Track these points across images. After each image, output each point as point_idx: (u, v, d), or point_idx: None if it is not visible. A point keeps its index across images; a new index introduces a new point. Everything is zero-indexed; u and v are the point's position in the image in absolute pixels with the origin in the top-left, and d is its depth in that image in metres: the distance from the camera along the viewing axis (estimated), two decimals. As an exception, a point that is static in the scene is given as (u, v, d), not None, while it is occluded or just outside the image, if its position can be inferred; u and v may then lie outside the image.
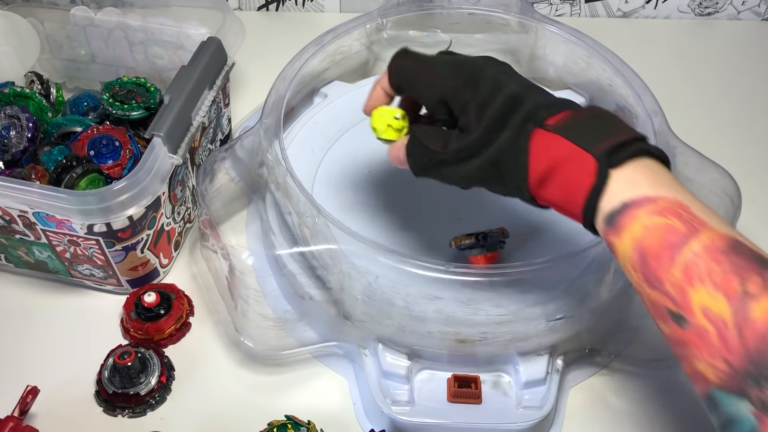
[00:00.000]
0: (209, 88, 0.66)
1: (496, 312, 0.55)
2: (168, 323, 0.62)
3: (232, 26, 0.70)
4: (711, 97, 0.88)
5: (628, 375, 0.61)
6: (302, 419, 0.56)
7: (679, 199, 0.41)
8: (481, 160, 0.47)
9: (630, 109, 0.69)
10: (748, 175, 0.65)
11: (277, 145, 0.62)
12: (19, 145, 0.66)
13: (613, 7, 0.97)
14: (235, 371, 0.62)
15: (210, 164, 0.64)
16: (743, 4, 0.96)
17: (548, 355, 0.58)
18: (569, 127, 0.44)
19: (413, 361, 0.58)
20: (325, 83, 0.77)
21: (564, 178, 0.44)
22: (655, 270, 0.40)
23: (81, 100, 0.75)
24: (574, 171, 0.44)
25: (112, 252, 0.61)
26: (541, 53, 0.77)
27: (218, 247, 0.61)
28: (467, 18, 0.78)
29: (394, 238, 0.62)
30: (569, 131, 0.44)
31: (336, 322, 0.59)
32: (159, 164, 0.58)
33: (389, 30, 0.78)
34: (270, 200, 0.65)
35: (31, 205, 0.57)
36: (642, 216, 0.41)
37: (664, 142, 0.63)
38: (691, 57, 0.93)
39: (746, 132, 0.83)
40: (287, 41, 0.76)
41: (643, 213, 0.41)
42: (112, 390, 0.58)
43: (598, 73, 0.72)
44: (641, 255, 0.41)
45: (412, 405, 0.56)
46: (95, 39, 0.76)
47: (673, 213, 0.40)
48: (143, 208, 0.59)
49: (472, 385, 0.57)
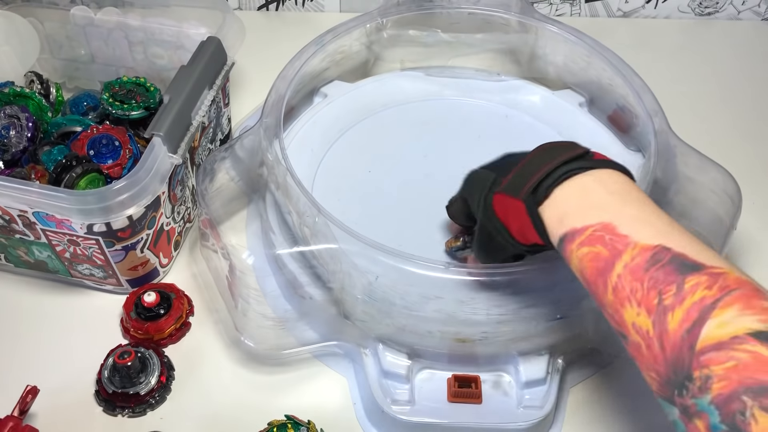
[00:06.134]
0: (209, 88, 0.66)
1: (496, 312, 0.55)
2: (168, 323, 0.62)
3: (231, 26, 0.70)
4: (711, 97, 0.88)
5: (628, 375, 0.61)
6: (302, 419, 0.56)
7: (605, 221, 0.43)
8: (479, 235, 0.54)
9: (630, 108, 0.69)
10: (749, 174, 0.65)
11: (277, 145, 0.62)
12: (18, 144, 0.66)
13: (613, 6, 0.97)
14: (235, 371, 0.62)
15: (210, 164, 0.64)
16: (743, 3, 0.96)
17: (548, 355, 0.58)
18: (507, 185, 0.50)
19: (413, 360, 0.58)
20: (325, 83, 0.77)
21: (516, 226, 0.49)
22: (596, 295, 0.43)
23: (81, 99, 0.75)
24: (517, 218, 0.49)
25: (112, 252, 0.61)
26: (541, 53, 0.77)
27: (218, 246, 0.61)
28: (467, 18, 0.78)
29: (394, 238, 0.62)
30: (506, 188, 0.50)
31: (336, 321, 0.59)
32: (159, 164, 0.58)
33: (389, 29, 0.78)
34: (270, 200, 0.65)
35: (31, 204, 0.57)
36: (574, 249, 0.44)
37: (664, 142, 0.63)
38: (692, 57, 0.93)
39: (746, 131, 0.83)
40: (287, 41, 0.76)
41: (575, 246, 0.44)
42: (112, 390, 0.58)
43: (598, 72, 0.72)
44: (585, 283, 0.44)
45: (412, 405, 0.56)
46: (95, 39, 0.76)
47: (598, 240, 0.43)
48: (143, 208, 0.59)
49: (473, 385, 0.57)
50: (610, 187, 0.45)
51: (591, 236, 0.43)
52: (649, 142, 0.64)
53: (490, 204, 0.51)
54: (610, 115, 0.74)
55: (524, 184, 0.48)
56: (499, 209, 0.51)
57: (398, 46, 0.79)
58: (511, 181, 0.50)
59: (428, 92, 0.78)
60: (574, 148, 0.48)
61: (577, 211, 0.45)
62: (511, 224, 0.50)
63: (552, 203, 0.46)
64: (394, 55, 0.80)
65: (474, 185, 0.55)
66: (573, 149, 0.48)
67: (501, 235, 0.51)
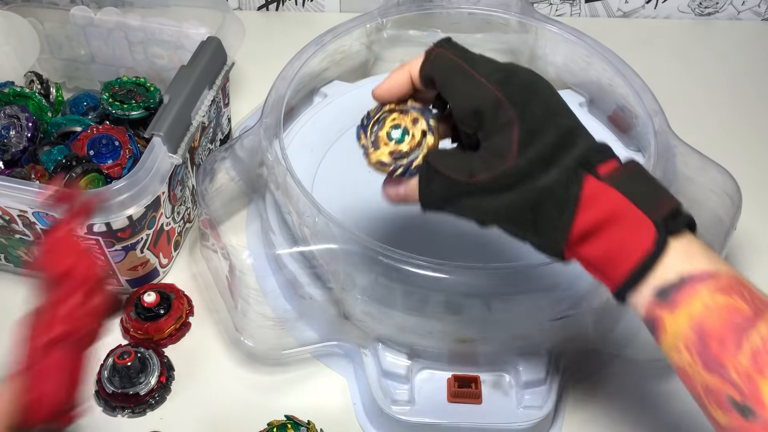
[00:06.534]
0: (209, 88, 0.66)
1: (497, 312, 0.55)
2: (168, 323, 0.62)
3: (231, 26, 0.70)
4: (711, 97, 0.88)
5: (628, 375, 0.61)
6: (302, 419, 0.56)
7: (738, 276, 0.38)
8: (517, 196, 0.40)
9: (630, 108, 0.69)
10: (749, 174, 0.65)
11: (277, 145, 0.62)
12: (18, 144, 0.66)
13: (613, 7, 0.97)
14: (234, 371, 0.62)
15: (210, 164, 0.64)
16: (743, 4, 0.96)
17: (548, 355, 0.58)
18: (624, 181, 0.40)
19: (413, 360, 0.58)
20: (325, 83, 0.77)
21: (612, 239, 0.39)
22: (717, 354, 0.37)
23: (81, 99, 0.75)
24: (627, 233, 0.39)
25: (112, 252, 0.61)
26: (541, 53, 0.77)
27: (218, 246, 0.61)
28: (467, 18, 0.78)
29: (394, 238, 0.62)
30: (625, 186, 0.39)
31: (336, 321, 0.59)
32: (158, 164, 0.58)
33: (389, 29, 0.78)
34: (270, 200, 0.65)
35: (31, 204, 0.57)
36: (703, 293, 0.38)
37: (664, 142, 0.63)
38: (692, 57, 0.93)
39: (747, 131, 0.83)
40: (287, 41, 0.76)
41: (705, 290, 0.38)
42: (112, 390, 0.58)
43: (599, 72, 0.72)
44: (701, 336, 0.37)
45: (412, 405, 0.56)
46: (95, 39, 0.76)
47: (736, 292, 0.37)
48: (143, 208, 0.59)
49: (472, 385, 0.57)
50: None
51: (728, 286, 0.38)
52: (649, 142, 0.64)
53: (580, 183, 0.39)
54: (610, 115, 0.75)
55: (658, 201, 0.39)
56: (591, 200, 0.39)
57: (398, 46, 0.79)
58: (625, 181, 0.40)
59: (428, 92, 0.78)
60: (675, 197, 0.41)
61: (703, 256, 0.39)
62: (596, 228, 0.39)
63: (683, 237, 0.39)
64: (394, 55, 0.80)
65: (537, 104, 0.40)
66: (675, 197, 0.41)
67: (552, 219, 0.40)
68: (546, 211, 0.40)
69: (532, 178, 0.40)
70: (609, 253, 0.40)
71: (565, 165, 0.39)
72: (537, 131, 0.40)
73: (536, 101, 0.41)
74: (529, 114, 0.40)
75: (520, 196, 0.40)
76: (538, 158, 0.39)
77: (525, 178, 0.40)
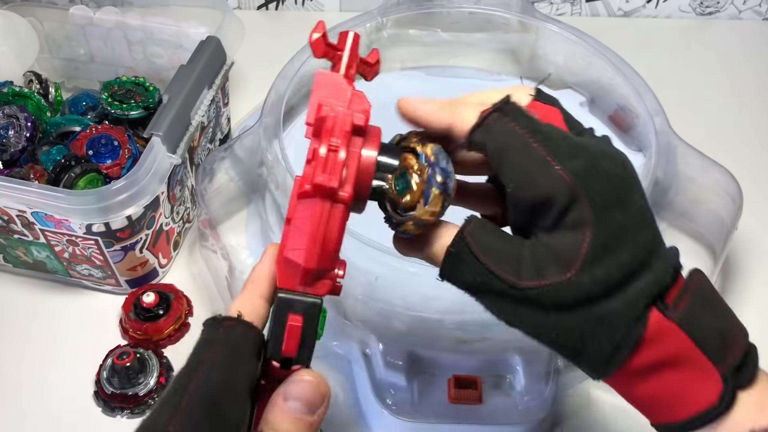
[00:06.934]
0: (208, 88, 0.66)
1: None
2: (167, 323, 0.62)
3: (231, 25, 0.69)
4: (712, 97, 0.87)
5: (629, 375, 0.61)
6: (302, 420, 0.56)
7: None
8: (570, 320, 0.34)
9: (631, 108, 0.69)
10: (750, 174, 0.65)
11: (276, 145, 0.62)
12: (17, 144, 0.66)
13: (613, 6, 0.97)
14: (234, 372, 0.61)
15: (209, 164, 0.63)
16: (744, 3, 0.96)
17: (549, 356, 0.57)
18: (690, 316, 0.34)
19: (413, 361, 0.58)
20: (325, 83, 0.77)
21: (670, 385, 0.35)
22: None
23: (80, 99, 0.75)
24: (688, 381, 0.34)
25: (111, 252, 0.61)
26: (542, 52, 0.77)
27: (218, 247, 0.61)
28: (467, 17, 0.77)
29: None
30: (691, 322, 0.34)
31: (336, 322, 0.59)
32: (158, 164, 0.58)
33: (389, 29, 0.77)
34: (270, 200, 0.65)
35: (30, 204, 0.56)
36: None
37: (665, 142, 0.63)
38: (692, 56, 0.93)
39: (748, 131, 0.83)
40: (287, 40, 0.76)
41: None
42: (111, 390, 0.58)
43: (599, 72, 0.72)
44: None
45: (413, 406, 0.56)
46: (94, 38, 0.75)
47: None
48: (142, 208, 0.59)
49: (473, 386, 0.57)
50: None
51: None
52: (650, 142, 0.64)
53: (646, 320, 0.33)
54: (611, 115, 0.74)
55: (727, 344, 0.34)
56: (653, 339, 0.34)
57: (398, 46, 0.79)
58: (692, 316, 0.34)
59: (428, 92, 0.78)
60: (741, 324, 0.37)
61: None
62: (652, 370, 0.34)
63: (756, 386, 0.35)
64: (394, 55, 0.80)
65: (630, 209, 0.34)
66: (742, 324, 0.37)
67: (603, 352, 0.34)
68: (598, 343, 0.34)
69: (592, 303, 0.34)
70: (662, 397, 0.35)
71: (633, 297, 0.34)
72: (612, 247, 0.33)
73: (619, 206, 0.34)
74: (609, 222, 0.33)
75: (572, 320, 0.34)
76: (604, 281, 0.33)
77: (584, 301, 0.34)
